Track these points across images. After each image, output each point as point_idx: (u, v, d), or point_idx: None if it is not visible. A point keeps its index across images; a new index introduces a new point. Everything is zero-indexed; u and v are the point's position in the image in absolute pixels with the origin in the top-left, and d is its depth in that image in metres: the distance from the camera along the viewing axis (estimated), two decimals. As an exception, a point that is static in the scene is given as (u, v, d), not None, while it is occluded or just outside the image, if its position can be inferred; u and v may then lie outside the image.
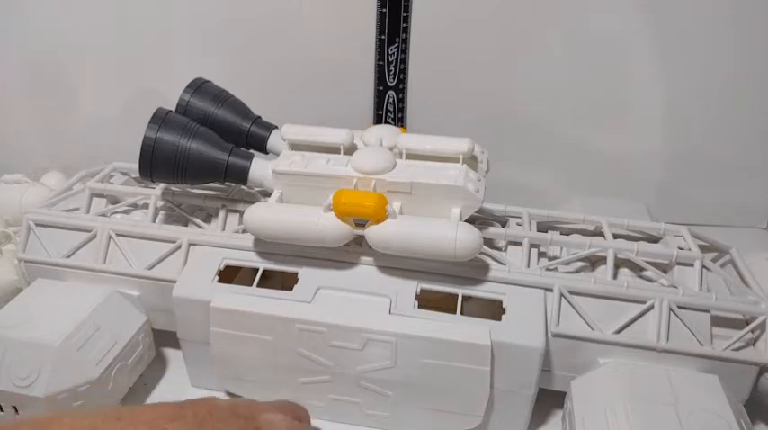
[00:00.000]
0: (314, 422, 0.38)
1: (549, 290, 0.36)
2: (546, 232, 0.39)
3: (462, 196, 0.35)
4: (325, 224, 0.35)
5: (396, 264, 0.37)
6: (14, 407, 0.34)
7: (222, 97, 0.41)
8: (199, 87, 0.41)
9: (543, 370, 0.34)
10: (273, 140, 0.41)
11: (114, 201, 0.44)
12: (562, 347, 0.35)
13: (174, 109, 0.39)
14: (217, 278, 0.37)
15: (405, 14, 0.51)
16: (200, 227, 0.41)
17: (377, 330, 0.34)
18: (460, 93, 0.55)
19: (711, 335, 0.35)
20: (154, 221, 0.41)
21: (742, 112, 0.53)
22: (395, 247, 0.35)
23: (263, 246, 0.38)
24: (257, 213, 0.35)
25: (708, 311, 0.35)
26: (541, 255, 0.39)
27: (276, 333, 0.35)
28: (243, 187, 0.43)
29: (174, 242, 0.39)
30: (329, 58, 0.54)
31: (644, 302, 0.35)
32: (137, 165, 0.37)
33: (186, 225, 0.41)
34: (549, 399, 0.37)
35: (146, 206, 0.42)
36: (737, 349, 0.35)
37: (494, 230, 0.39)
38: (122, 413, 0.27)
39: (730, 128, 0.54)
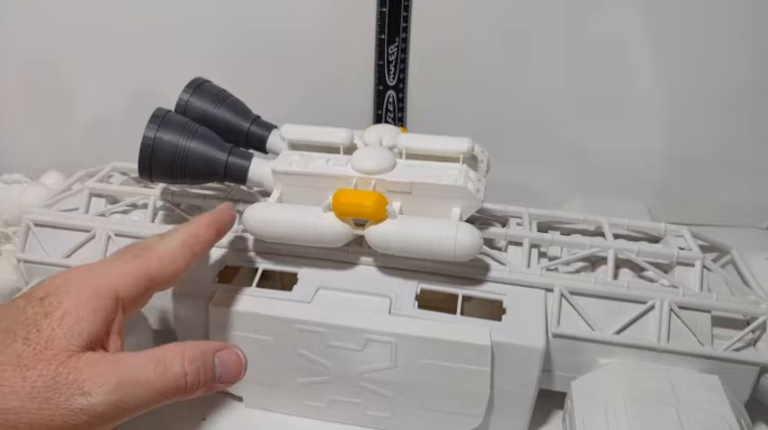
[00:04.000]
0: (314, 422, 0.38)
1: (550, 290, 0.36)
2: (546, 232, 0.39)
3: (462, 196, 0.35)
4: (324, 224, 0.34)
5: (396, 264, 0.37)
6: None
7: (221, 97, 0.41)
8: (198, 87, 0.40)
9: (543, 370, 0.34)
10: (273, 140, 0.41)
11: (113, 201, 0.43)
12: (562, 348, 0.35)
13: (173, 108, 0.39)
14: (216, 278, 0.37)
15: (405, 14, 0.51)
16: (200, 227, 0.41)
17: (377, 330, 0.34)
18: (461, 92, 0.55)
19: (712, 336, 0.35)
20: (153, 221, 0.41)
21: (742, 112, 0.53)
22: (395, 247, 0.34)
23: (263, 246, 0.38)
24: (257, 213, 0.35)
25: (708, 311, 0.35)
26: (542, 255, 0.39)
27: (275, 333, 0.35)
28: (242, 187, 0.43)
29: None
30: (329, 57, 0.54)
31: (644, 302, 0.35)
32: (136, 165, 0.37)
33: (185, 225, 0.41)
34: (550, 400, 0.37)
35: (145, 206, 0.42)
36: (738, 349, 0.35)
37: (494, 230, 0.39)
38: None
39: (730, 128, 0.54)
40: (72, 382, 0.24)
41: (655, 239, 0.41)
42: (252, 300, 0.35)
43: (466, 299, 0.36)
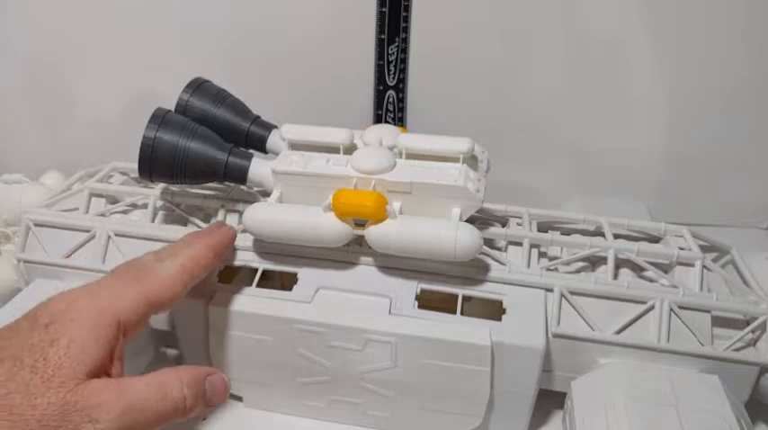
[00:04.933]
0: (314, 422, 0.38)
1: (550, 290, 0.36)
2: (546, 232, 0.39)
3: (462, 196, 0.35)
4: (324, 224, 0.34)
5: (396, 264, 0.37)
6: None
7: (221, 97, 0.41)
8: (198, 87, 0.40)
9: (543, 370, 0.34)
10: (273, 140, 0.41)
11: (113, 201, 0.43)
12: (562, 348, 0.35)
13: (173, 108, 0.39)
14: (216, 278, 0.37)
15: (405, 14, 0.51)
16: (200, 227, 0.41)
17: (377, 330, 0.34)
18: (460, 92, 0.55)
19: (712, 336, 0.35)
20: (153, 221, 0.41)
21: (742, 112, 0.53)
22: (395, 247, 0.34)
23: (263, 246, 0.38)
24: (257, 213, 0.35)
25: (708, 311, 0.35)
26: (542, 255, 0.39)
27: (275, 333, 0.35)
28: (242, 187, 0.43)
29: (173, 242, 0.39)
30: (329, 57, 0.54)
31: (644, 302, 0.35)
32: (136, 165, 0.37)
33: (185, 225, 0.41)
34: (550, 400, 0.37)
35: (145, 206, 0.42)
36: (738, 349, 0.35)
37: (494, 230, 0.39)
38: None
39: (730, 128, 0.54)
40: (80, 410, 0.25)
41: (655, 239, 0.41)
42: (252, 300, 0.35)
43: (466, 299, 0.36)
